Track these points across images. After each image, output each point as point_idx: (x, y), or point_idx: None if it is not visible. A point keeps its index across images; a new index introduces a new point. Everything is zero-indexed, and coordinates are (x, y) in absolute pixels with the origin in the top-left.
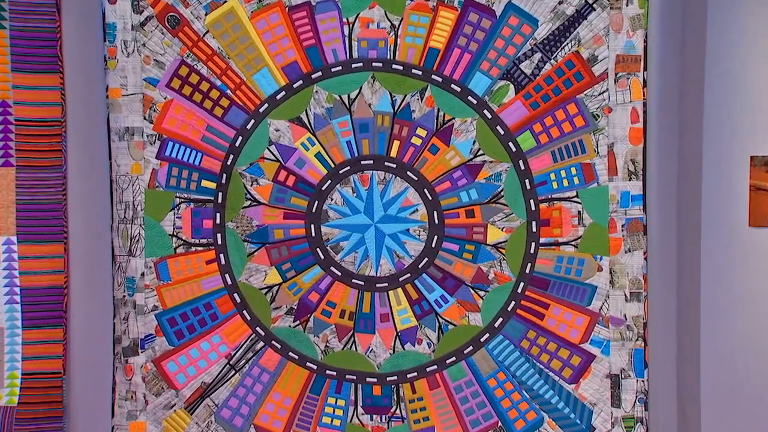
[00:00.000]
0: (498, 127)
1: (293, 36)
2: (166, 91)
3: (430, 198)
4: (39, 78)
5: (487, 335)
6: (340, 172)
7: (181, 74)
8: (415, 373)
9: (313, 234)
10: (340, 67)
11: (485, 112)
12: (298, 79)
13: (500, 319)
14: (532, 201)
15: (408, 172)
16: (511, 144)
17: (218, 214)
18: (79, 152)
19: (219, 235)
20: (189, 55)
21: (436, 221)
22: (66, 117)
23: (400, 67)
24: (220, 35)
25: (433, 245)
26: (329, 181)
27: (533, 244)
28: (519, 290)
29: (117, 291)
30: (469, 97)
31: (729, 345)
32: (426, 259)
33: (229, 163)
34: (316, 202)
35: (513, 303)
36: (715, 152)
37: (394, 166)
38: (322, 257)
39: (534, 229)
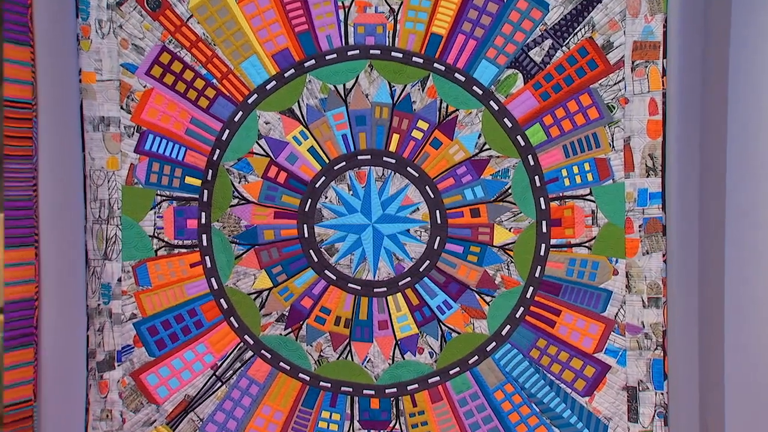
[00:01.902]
0: (505, 120)
1: (284, 21)
2: (146, 79)
3: (432, 196)
4: (7, 49)
5: (494, 344)
6: (335, 167)
7: (162, 61)
8: (416, 385)
9: (306, 235)
10: (335, 55)
11: (492, 103)
12: (290, 68)
13: (508, 327)
14: (542, 199)
15: (408, 168)
16: (519, 138)
17: (203, 214)
18: (50, 141)
19: (204, 236)
20: (171, 41)
21: (439, 221)
22: (37, 99)
23: (400, 55)
24: (205, 20)
25: (436, 247)
26: (323, 178)
27: (543, 246)
28: (528, 295)
29: (91, 299)
30: (474, 87)
31: (755, 355)
32: (428, 261)
33: (215, 158)
34: (309, 200)
35: (521, 309)
36: (740, 146)
37: (394, 161)
38: (316, 260)
39: (544, 230)
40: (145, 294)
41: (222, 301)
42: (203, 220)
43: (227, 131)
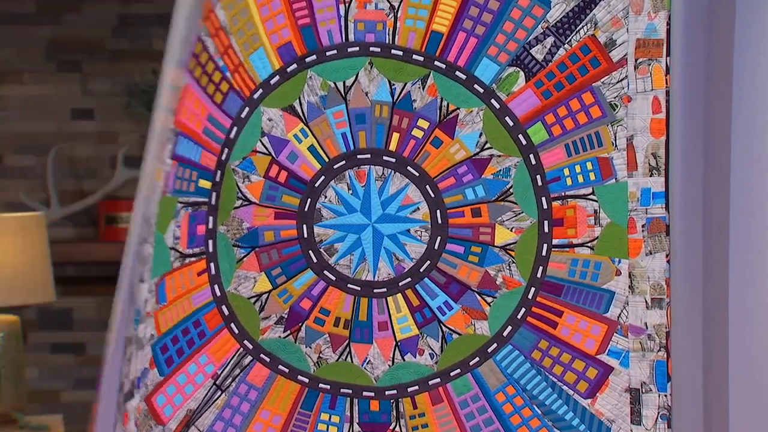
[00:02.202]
0: (507, 118)
1: (289, 12)
2: (185, 73)
3: (432, 195)
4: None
5: (495, 345)
6: (335, 167)
7: (196, 52)
8: (417, 387)
9: (306, 235)
10: (335, 51)
11: (493, 101)
12: (292, 62)
13: (509, 328)
14: (543, 199)
15: (408, 168)
16: (521, 136)
17: (211, 218)
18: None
19: (210, 242)
20: (203, 28)
21: (439, 221)
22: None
23: (400, 53)
24: (226, 6)
25: (436, 247)
26: (323, 177)
27: (545, 246)
28: (530, 296)
29: (128, 328)
30: (476, 86)
31: (760, 356)
32: (428, 262)
33: (223, 158)
34: (309, 200)
35: (523, 310)
36: (744, 145)
37: (394, 160)
38: (315, 260)
39: (546, 230)
40: (161, 312)
41: (223, 307)
42: (210, 225)
43: (235, 129)
